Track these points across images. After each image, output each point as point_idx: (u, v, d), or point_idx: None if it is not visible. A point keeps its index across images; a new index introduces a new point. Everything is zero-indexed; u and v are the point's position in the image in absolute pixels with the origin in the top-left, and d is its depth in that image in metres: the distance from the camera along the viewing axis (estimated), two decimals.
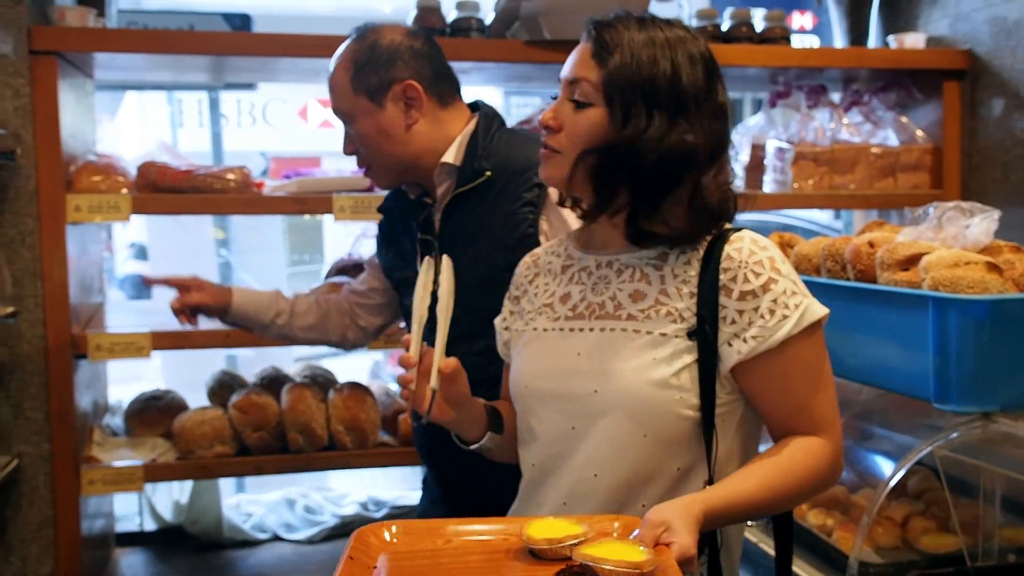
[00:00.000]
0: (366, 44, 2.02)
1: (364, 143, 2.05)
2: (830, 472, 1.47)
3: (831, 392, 1.49)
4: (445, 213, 2.03)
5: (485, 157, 1.99)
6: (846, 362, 2.22)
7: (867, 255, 2.15)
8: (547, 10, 2.95)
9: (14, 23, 2.63)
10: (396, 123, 2.01)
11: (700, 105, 1.48)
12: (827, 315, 1.47)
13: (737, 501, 1.38)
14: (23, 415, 2.75)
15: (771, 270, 1.44)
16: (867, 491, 2.23)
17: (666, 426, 1.46)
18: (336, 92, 2.05)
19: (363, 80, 2.00)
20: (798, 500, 1.50)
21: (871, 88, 3.61)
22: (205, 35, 2.99)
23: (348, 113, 2.04)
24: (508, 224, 1.94)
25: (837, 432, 1.48)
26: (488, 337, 1.79)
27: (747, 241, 1.46)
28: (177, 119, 8.17)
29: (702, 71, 1.49)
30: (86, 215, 2.73)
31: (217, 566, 3.47)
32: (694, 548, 1.27)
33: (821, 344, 1.48)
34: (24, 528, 2.79)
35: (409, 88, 2.00)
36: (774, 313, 1.43)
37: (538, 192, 1.93)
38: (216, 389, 3.26)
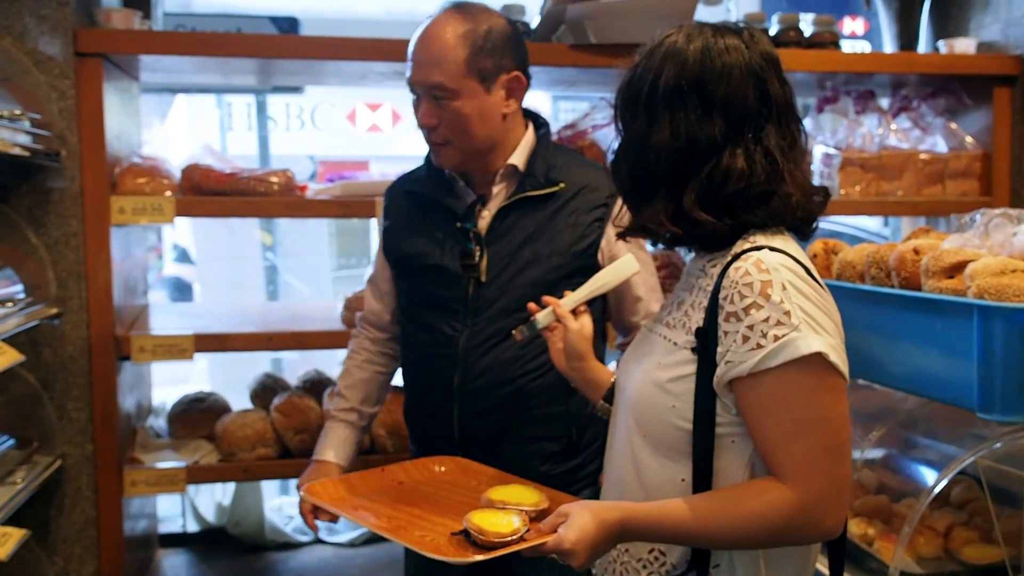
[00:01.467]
0: (482, 26, 2.04)
1: (457, 122, 2.05)
2: (788, 524, 1.36)
3: (820, 442, 1.36)
4: (501, 212, 2.08)
5: (556, 168, 2.10)
6: (890, 370, 2.19)
7: (912, 262, 2.11)
8: (593, 14, 2.93)
9: (60, 25, 2.67)
10: (496, 110, 2.06)
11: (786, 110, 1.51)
12: (818, 353, 1.34)
13: (664, 521, 1.39)
14: (67, 416, 2.78)
15: (759, 295, 1.37)
16: (909, 500, 2.19)
17: (661, 432, 1.47)
18: (443, 67, 2.02)
19: (478, 62, 2.02)
20: (745, 542, 1.40)
21: (920, 94, 3.55)
22: (251, 37, 3.00)
23: (452, 89, 2.03)
24: (576, 234, 2.07)
25: (811, 486, 1.35)
26: (531, 332, 1.87)
27: (750, 262, 1.39)
28: (226, 122, 8.25)
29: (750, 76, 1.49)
30: (130, 217, 2.76)
31: (259, 568, 3.50)
32: (568, 544, 1.36)
33: (811, 386, 1.36)
34: (67, 528, 2.82)
35: (516, 79, 2.08)
36: (748, 340, 1.37)
37: (604, 211, 2.09)
38: (259, 392, 3.29)
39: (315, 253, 7.07)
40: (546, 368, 2.04)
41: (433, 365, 2.12)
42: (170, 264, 7.85)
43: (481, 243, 2.08)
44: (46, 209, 2.72)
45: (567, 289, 1.88)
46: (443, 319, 2.10)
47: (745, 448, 1.43)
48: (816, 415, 1.36)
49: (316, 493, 1.77)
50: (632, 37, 3.04)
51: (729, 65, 1.47)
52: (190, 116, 8.06)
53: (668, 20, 2.94)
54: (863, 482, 2.35)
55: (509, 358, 2.06)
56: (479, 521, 1.48)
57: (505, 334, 2.03)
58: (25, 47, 2.66)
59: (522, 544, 1.44)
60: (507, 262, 2.07)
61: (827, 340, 1.36)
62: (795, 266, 1.40)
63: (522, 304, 1.95)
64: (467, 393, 2.08)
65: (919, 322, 2.06)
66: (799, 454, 1.36)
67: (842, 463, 1.38)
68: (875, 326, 2.21)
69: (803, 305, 1.36)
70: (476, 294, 2.07)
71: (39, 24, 2.66)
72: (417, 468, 1.90)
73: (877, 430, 2.41)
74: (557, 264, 2.06)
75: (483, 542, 1.46)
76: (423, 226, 2.17)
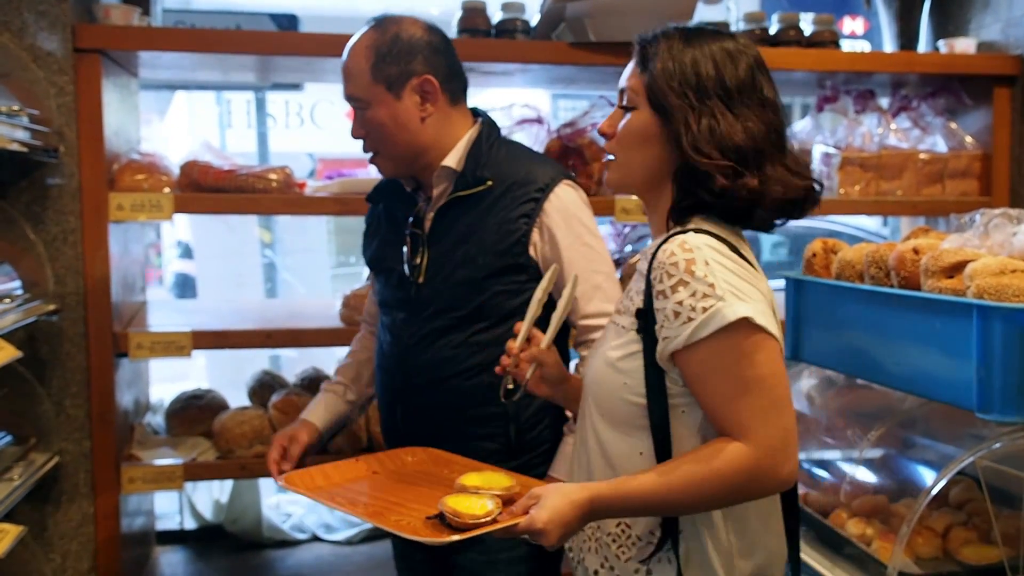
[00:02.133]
0: (388, 35, 2.09)
1: (376, 131, 2.11)
2: (748, 478, 1.45)
3: (760, 398, 1.45)
4: (439, 213, 2.12)
5: (487, 166, 2.10)
6: (889, 370, 2.19)
7: (911, 262, 2.11)
8: (592, 12, 2.93)
9: (59, 21, 2.66)
10: (410, 115, 2.09)
11: (747, 99, 1.54)
12: (745, 319, 1.43)
13: (631, 493, 1.47)
14: (64, 412, 2.78)
15: (684, 272, 1.46)
16: (908, 500, 2.19)
17: (616, 409, 1.57)
18: (353, 78, 2.10)
19: (383, 70, 2.07)
20: (711, 502, 1.49)
21: (920, 93, 3.55)
22: (250, 34, 3.00)
23: (364, 100, 2.10)
24: (502, 231, 2.07)
25: (762, 439, 1.44)
26: (464, 333, 2.07)
27: (675, 243, 1.49)
28: (225, 119, 8.25)
29: (745, 68, 1.55)
30: (128, 213, 2.75)
31: (256, 565, 3.49)
32: (540, 524, 1.44)
33: (744, 348, 1.45)
34: (64, 525, 2.81)
35: (426, 82, 2.08)
36: (679, 315, 1.46)
37: (533, 205, 2.07)
38: (256, 389, 3.28)
39: (314, 251, 7.07)
40: (480, 368, 2.07)
41: (386, 364, 2.21)
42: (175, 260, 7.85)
43: (424, 244, 2.13)
44: (44, 205, 2.71)
45: (496, 287, 2.03)
46: (395, 319, 2.18)
47: (695, 416, 1.52)
48: (753, 374, 1.45)
49: (294, 481, 1.82)
50: (631, 35, 3.04)
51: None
52: (189, 113, 8.06)
53: (667, 19, 2.94)
54: (861, 482, 2.35)
55: (444, 358, 2.10)
56: (454, 504, 1.53)
57: (440, 333, 2.09)
58: (24, 43, 2.65)
59: (496, 525, 1.50)
60: (442, 262, 2.11)
61: (753, 306, 1.45)
62: (718, 244, 1.49)
63: (454, 304, 2.07)
64: (408, 391, 2.15)
65: (918, 322, 2.05)
66: (745, 412, 1.45)
67: (787, 415, 1.47)
68: (874, 326, 2.21)
69: (726, 277, 1.46)
70: (416, 294, 2.13)
71: (38, 20, 2.65)
72: (390, 458, 1.97)
73: (876, 430, 2.41)
74: (484, 263, 2.07)
75: (458, 524, 1.51)
76: (384, 230, 2.25)
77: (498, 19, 3.15)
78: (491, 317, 2.08)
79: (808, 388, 2.80)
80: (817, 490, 2.41)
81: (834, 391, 2.73)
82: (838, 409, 2.71)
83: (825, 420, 2.71)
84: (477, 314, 2.08)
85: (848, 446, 2.52)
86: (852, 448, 2.49)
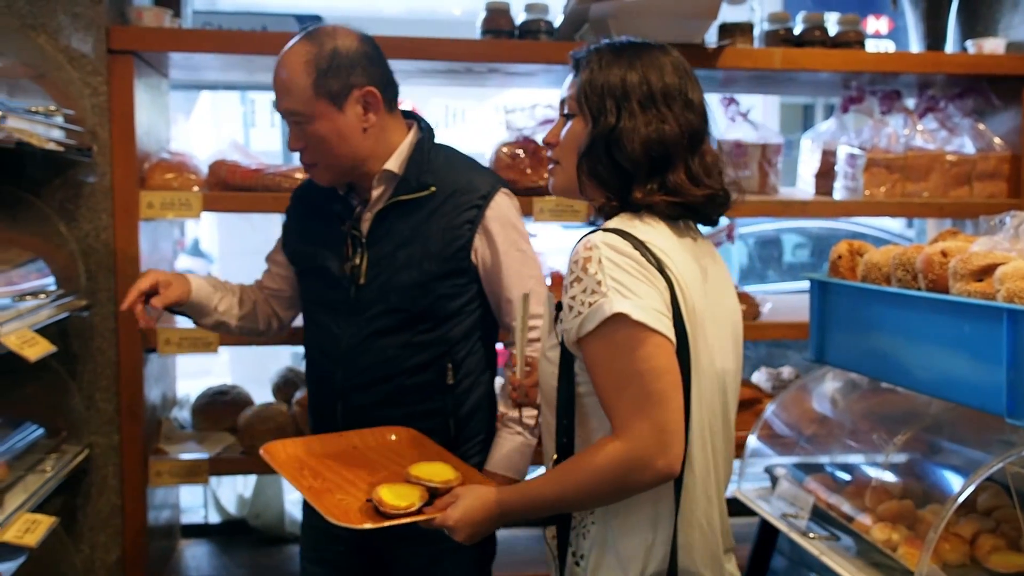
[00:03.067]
0: (326, 49, 2.10)
1: (317, 144, 2.13)
2: (623, 472, 1.52)
3: (637, 393, 1.52)
4: (378, 215, 2.16)
5: (429, 172, 2.16)
6: (916, 374, 2.18)
7: (939, 265, 2.10)
8: (616, 13, 2.93)
9: (93, 23, 2.70)
10: (353, 126, 2.13)
11: (671, 101, 1.65)
12: (623, 314, 1.51)
13: (530, 495, 1.63)
14: (95, 406, 2.81)
15: (580, 269, 1.57)
16: (934, 506, 2.18)
17: (549, 392, 1.70)
18: (293, 94, 2.10)
19: (324, 84, 2.09)
20: (597, 497, 1.59)
21: (947, 94, 3.53)
22: (278, 36, 3.01)
23: (305, 115, 2.11)
24: (446, 237, 2.13)
25: (636, 434, 1.51)
26: (408, 333, 2.14)
27: (582, 242, 1.60)
28: (249, 119, 8.30)
29: (671, 73, 1.67)
30: (158, 212, 2.79)
31: (279, 560, 3.51)
32: (451, 521, 1.63)
33: (625, 344, 1.53)
34: (93, 517, 2.85)
35: (369, 94, 2.12)
36: (571, 310, 1.58)
37: (476, 212, 2.15)
38: (280, 386, 3.31)
39: None
40: (423, 365, 2.16)
41: (320, 362, 2.25)
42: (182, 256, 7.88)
43: (362, 246, 2.17)
44: (77, 203, 2.75)
45: (440, 290, 2.12)
46: (329, 318, 2.21)
47: (596, 402, 1.61)
48: (631, 368, 1.52)
49: (274, 452, 1.93)
50: (655, 36, 3.03)
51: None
52: (214, 112, 8.11)
53: (692, 19, 2.98)
54: (887, 486, 2.34)
55: (387, 357, 2.16)
56: (382, 494, 1.69)
57: (383, 334, 2.14)
58: (59, 44, 2.69)
59: (416, 517, 1.67)
60: (384, 265, 2.15)
61: (635, 302, 1.53)
62: (621, 243, 1.57)
63: (398, 305, 2.13)
64: (349, 389, 2.19)
65: (947, 326, 2.04)
66: (620, 405, 1.54)
67: (663, 408, 1.52)
68: (901, 329, 2.21)
69: (615, 275, 1.54)
70: (356, 295, 2.17)
71: (73, 22, 2.69)
72: (373, 435, 2.07)
73: (902, 434, 2.40)
74: (429, 267, 2.13)
75: (382, 511, 1.68)
76: (314, 229, 2.27)
77: (521, 20, 3.15)
78: (434, 318, 2.15)
79: (832, 391, 2.79)
80: (841, 495, 2.41)
81: (858, 394, 2.72)
82: (862, 413, 2.70)
83: (849, 424, 2.70)
84: (421, 315, 2.15)
85: (873, 450, 2.51)
86: (877, 452, 2.48)
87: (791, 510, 2.42)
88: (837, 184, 3.42)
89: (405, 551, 2.20)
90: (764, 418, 2.74)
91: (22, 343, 2.13)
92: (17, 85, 2.49)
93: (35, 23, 2.67)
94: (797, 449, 2.70)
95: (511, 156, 3.04)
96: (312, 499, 1.76)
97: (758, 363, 4.25)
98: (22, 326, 2.20)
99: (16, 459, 2.38)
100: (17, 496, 2.28)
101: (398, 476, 1.80)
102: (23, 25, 2.66)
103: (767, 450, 2.71)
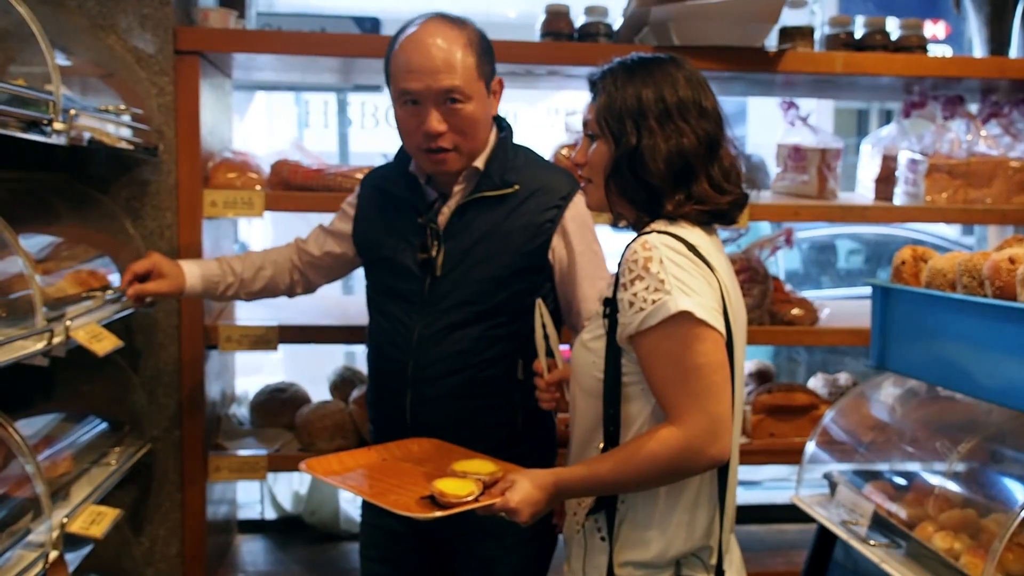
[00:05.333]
0: (478, 32, 2.16)
1: (468, 126, 2.14)
2: (679, 458, 1.64)
3: (696, 385, 1.63)
4: (458, 210, 2.19)
5: (512, 170, 2.20)
6: (981, 382, 2.15)
7: (1007, 271, 2.07)
8: (676, 16, 2.93)
9: (160, 24, 2.74)
10: (490, 112, 2.20)
11: (686, 113, 1.73)
12: (687, 312, 1.61)
13: (588, 476, 1.71)
14: (156, 402, 2.86)
15: (641, 268, 1.66)
16: (998, 515, 2.15)
17: (586, 381, 1.80)
18: (458, 72, 2.09)
19: (484, 66, 2.14)
20: (652, 480, 1.69)
21: (1011, 100, 3.47)
22: (338, 37, 3.05)
23: (467, 94, 2.11)
24: (527, 234, 2.17)
25: (693, 423, 1.62)
26: (483, 327, 2.16)
27: (639, 242, 1.69)
28: (304, 119, 8.38)
29: (684, 86, 1.74)
30: (221, 210, 2.83)
31: (333, 556, 3.54)
32: (513, 504, 1.69)
33: (685, 339, 1.63)
34: (154, 511, 2.90)
35: (500, 83, 2.22)
36: (632, 305, 1.66)
37: (557, 212, 2.18)
38: (338, 384, 3.34)
39: None
40: (495, 359, 2.18)
41: (389, 352, 2.25)
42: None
43: (439, 238, 2.18)
44: (143, 201, 2.80)
45: (517, 285, 2.14)
46: (401, 309, 2.23)
47: (648, 397, 1.72)
48: (691, 363, 1.63)
49: (313, 467, 1.98)
50: (716, 39, 3.05)
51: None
52: (268, 113, 8.20)
53: (753, 23, 2.96)
54: (950, 495, 2.31)
55: (461, 349, 2.17)
56: (441, 486, 1.75)
57: (457, 326, 2.17)
58: (128, 44, 2.74)
59: (476, 503, 1.72)
60: (462, 258, 2.17)
61: (697, 300, 1.63)
62: (677, 244, 1.67)
63: (475, 299, 2.16)
64: (419, 380, 2.19)
65: (1014, 333, 2.02)
66: (680, 396, 1.64)
67: (718, 401, 1.64)
68: (966, 336, 2.18)
69: (676, 274, 1.64)
70: (432, 287, 2.19)
71: (141, 22, 2.74)
72: (399, 447, 2.12)
73: (966, 442, 2.37)
74: (508, 262, 2.16)
75: (444, 502, 1.73)
76: (388, 220, 2.29)
77: (581, 23, 3.16)
78: (509, 313, 2.17)
79: (890, 398, 2.77)
80: (902, 502, 2.38)
81: (916, 402, 2.69)
82: (921, 420, 2.67)
83: (908, 431, 2.67)
84: (497, 310, 2.17)
85: (934, 458, 2.48)
86: (939, 460, 2.45)
87: (850, 517, 2.40)
88: (897, 190, 3.38)
89: (469, 546, 2.23)
90: (823, 424, 2.72)
91: (91, 338, 2.17)
92: (87, 84, 2.54)
93: (104, 23, 2.73)
94: (856, 456, 2.67)
95: (569, 158, 3.05)
96: (374, 498, 1.81)
97: (814, 369, 4.22)
98: (90, 321, 2.25)
99: (81, 452, 2.42)
100: (83, 488, 2.32)
101: (437, 476, 1.85)
102: (93, 25, 2.72)
103: (825, 456, 2.69)
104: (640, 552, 1.77)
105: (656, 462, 1.64)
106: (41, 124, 1.88)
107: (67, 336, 2.06)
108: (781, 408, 3.21)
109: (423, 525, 1.86)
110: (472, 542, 2.22)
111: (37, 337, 1.92)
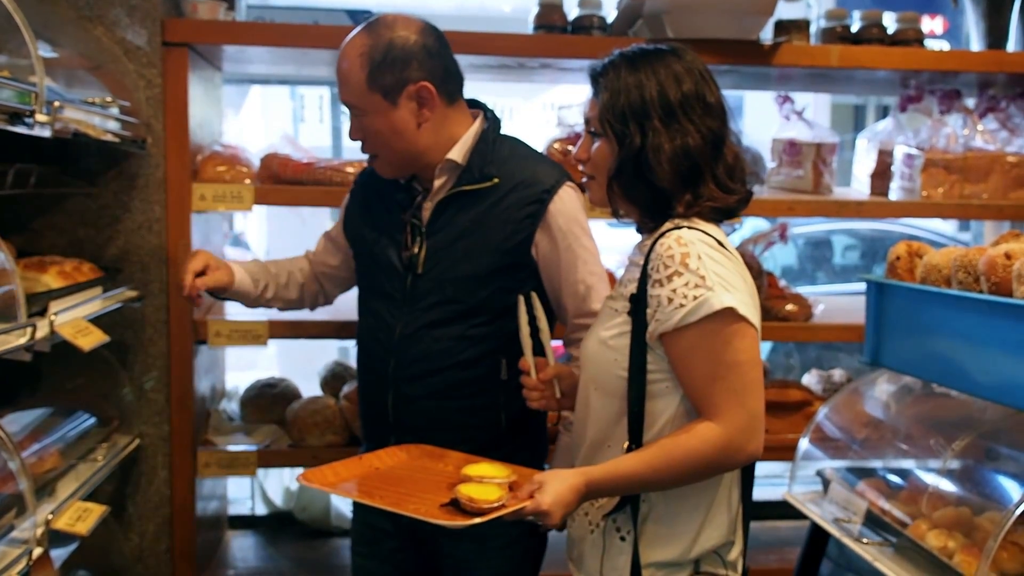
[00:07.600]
0: (382, 42, 2.08)
1: (372, 137, 2.13)
2: (720, 455, 1.63)
3: (735, 382, 1.62)
4: (439, 205, 2.15)
5: (493, 163, 2.14)
6: (976, 379, 2.14)
7: (1003, 267, 2.06)
8: (670, 8, 2.90)
9: (149, 15, 2.71)
10: (407, 122, 2.11)
11: (690, 110, 1.69)
12: (730, 308, 1.60)
13: (620, 474, 1.66)
14: (145, 397, 2.84)
15: (679, 264, 1.63)
16: (992, 514, 2.13)
17: (606, 380, 1.76)
18: (349, 86, 2.10)
19: (378, 79, 2.07)
20: (688, 476, 1.67)
21: (1009, 94, 3.46)
22: (330, 29, 3.02)
23: (360, 108, 2.11)
24: (508, 230, 2.11)
25: (733, 419, 1.62)
26: (463, 326, 2.12)
27: (672, 238, 1.66)
28: (299, 114, 8.35)
29: (688, 82, 1.70)
30: (210, 204, 2.80)
31: (324, 553, 3.52)
32: (546, 506, 1.61)
33: (726, 336, 1.62)
34: (143, 506, 2.88)
35: (423, 89, 2.09)
36: (672, 301, 1.63)
37: (538, 207, 2.12)
38: (329, 379, 3.32)
39: None
40: (477, 359, 2.14)
41: (373, 351, 2.24)
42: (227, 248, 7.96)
43: (422, 235, 2.15)
44: (131, 195, 2.77)
45: (497, 284, 2.09)
46: (384, 307, 2.20)
47: (674, 394, 1.70)
48: (731, 359, 1.63)
49: (310, 479, 1.90)
50: (711, 32, 3.02)
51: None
52: (264, 107, 8.16)
53: (748, 15, 2.94)
54: (944, 493, 2.29)
55: (441, 349, 2.14)
56: (468, 492, 1.68)
57: (437, 325, 2.13)
58: (115, 36, 2.71)
59: (507, 509, 1.65)
60: (442, 255, 2.14)
61: (738, 296, 1.63)
62: (709, 239, 1.67)
63: (454, 297, 2.12)
64: (400, 380, 2.17)
65: (1010, 329, 2.00)
66: (719, 393, 1.63)
67: (756, 398, 1.65)
68: (961, 332, 2.16)
69: (716, 270, 1.63)
70: (413, 285, 2.16)
71: (129, 14, 2.71)
72: (389, 455, 2.05)
73: (960, 440, 2.35)
74: (488, 259, 2.11)
75: (473, 509, 1.66)
76: (375, 215, 2.27)
77: (574, 15, 3.13)
78: (490, 311, 2.13)
79: (884, 395, 2.75)
80: (895, 500, 2.37)
81: (911, 399, 2.68)
82: (915, 417, 2.66)
83: (903, 428, 2.66)
84: (478, 308, 2.13)
85: (928, 455, 2.46)
86: (933, 458, 2.44)
87: (843, 514, 2.38)
88: (893, 185, 3.36)
89: (451, 547, 2.20)
90: (816, 421, 2.70)
91: (76, 332, 2.15)
92: (74, 76, 2.51)
93: (92, 15, 2.70)
94: (849, 453, 2.66)
95: (562, 152, 3.02)
96: (395, 507, 1.73)
97: (808, 365, 4.20)
98: (77, 316, 2.22)
99: (68, 447, 2.40)
100: (69, 484, 2.30)
101: (442, 484, 1.80)
102: (80, 17, 2.69)
103: (818, 453, 2.67)
104: (665, 551, 1.74)
105: (696, 458, 1.63)
106: (24, 116, 1.85)
107: (51, 331, 2.04)
108: (775, 404, 3.19)
109: (407, 523, 1.80)
110: (453, 543, 2.20)
111: (19, 332, 1.89)
